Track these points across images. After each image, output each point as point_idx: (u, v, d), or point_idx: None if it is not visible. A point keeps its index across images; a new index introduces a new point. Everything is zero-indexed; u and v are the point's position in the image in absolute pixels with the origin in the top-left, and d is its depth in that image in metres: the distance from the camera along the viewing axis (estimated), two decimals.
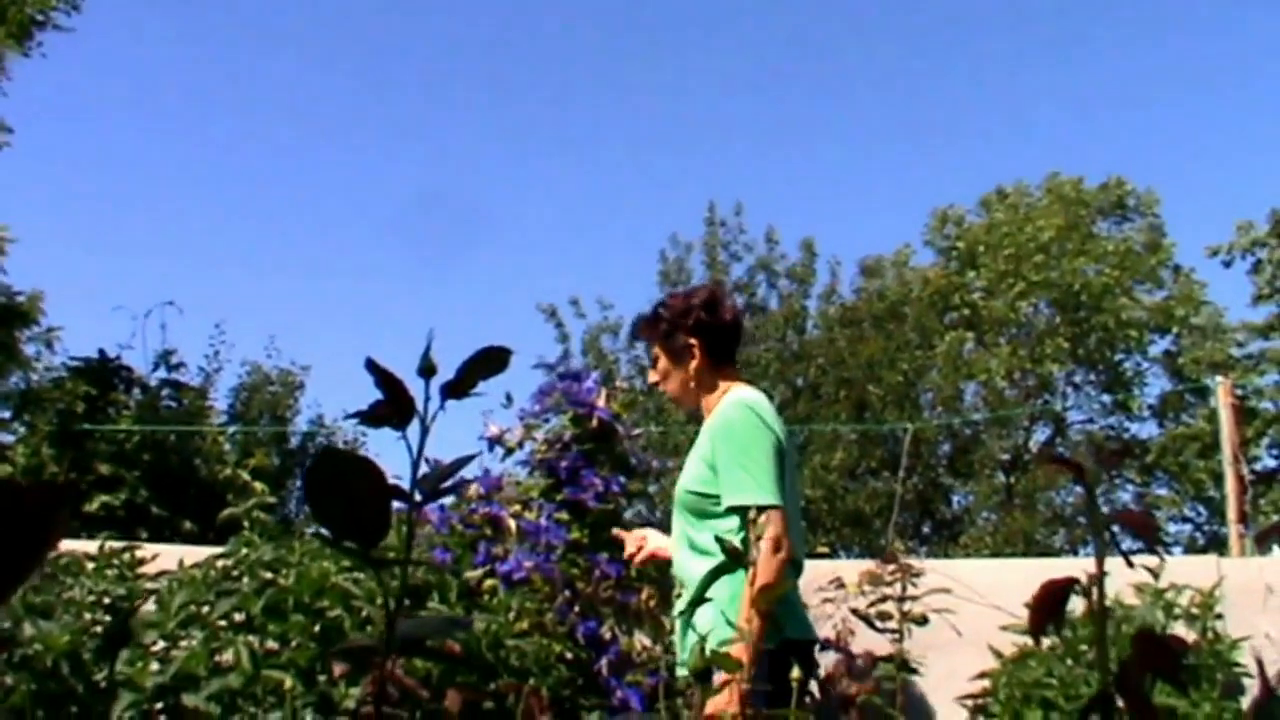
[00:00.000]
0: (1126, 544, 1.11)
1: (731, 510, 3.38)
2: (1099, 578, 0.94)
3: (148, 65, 40.96)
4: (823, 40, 41.58)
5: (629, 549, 3.95)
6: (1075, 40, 42.28)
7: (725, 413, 3.55)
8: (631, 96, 42.15)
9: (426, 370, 1.14)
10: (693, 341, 3.68)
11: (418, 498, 1.15)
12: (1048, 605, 0.99)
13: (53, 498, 0.57)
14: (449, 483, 1.20)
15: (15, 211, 34.77)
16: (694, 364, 3.69)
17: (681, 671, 3.31)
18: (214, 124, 40.69)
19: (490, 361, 1.16)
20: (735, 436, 3.47)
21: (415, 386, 1.16)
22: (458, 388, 1.15)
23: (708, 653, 2.06)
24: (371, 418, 1.14)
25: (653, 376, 3.87)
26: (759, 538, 3.25)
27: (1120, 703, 0.96)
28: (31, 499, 0.56)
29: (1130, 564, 0.99)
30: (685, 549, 3.58)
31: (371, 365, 1.13)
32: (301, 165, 42.36)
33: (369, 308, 38.78)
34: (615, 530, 4.04)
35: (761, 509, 3.33)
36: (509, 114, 41.91)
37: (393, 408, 1.13)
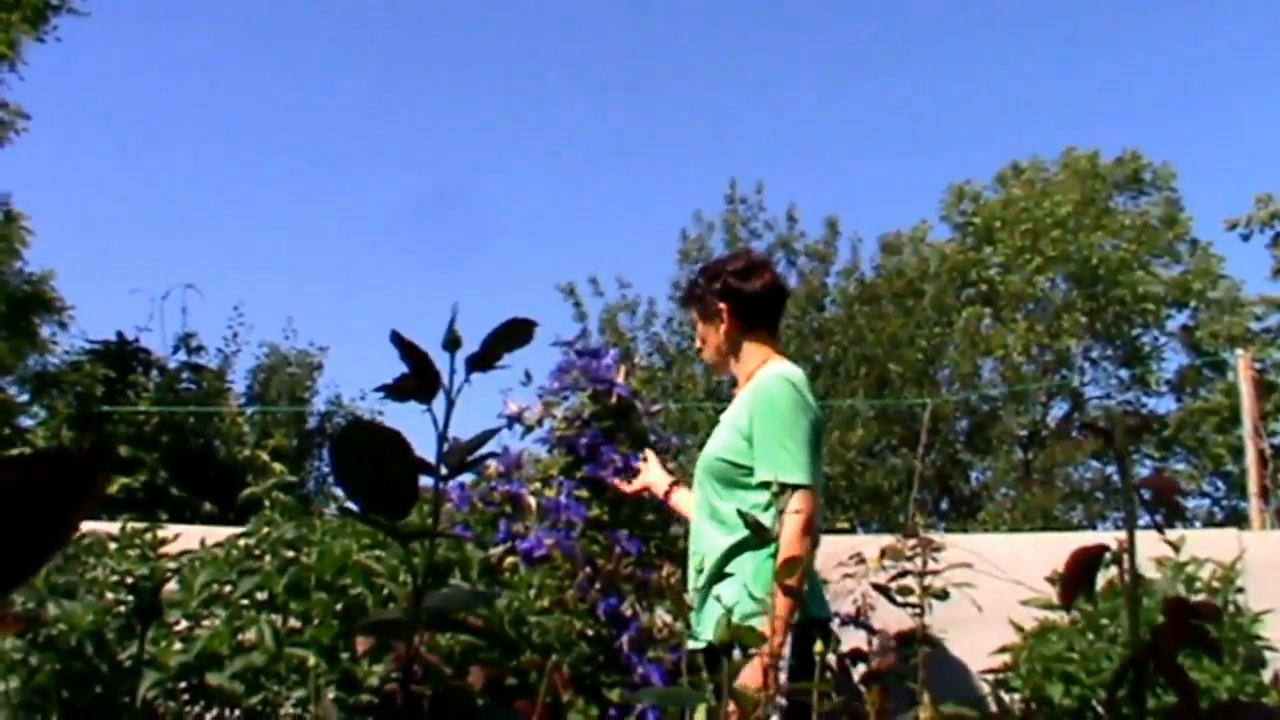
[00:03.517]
0: (1148, 518, 1.11)
1: (765, 484, 3.39)
2: (1130, 545, 0.94)
3: (164, 47, 41.02)
4: (840, 18, 41.44)
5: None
6: (1089, 14, 42.06)
7: (767, 386, 3.56)
8: (653, 74, 42.09)
9: (452, 343, 1.13)
10: (721, 306, 3.72)
11: (444, 471, 1.14)
12: (1078, 574, 0.98)
13: (89, 464, 0.57)
14: (474, 456, 1.20)
15: (33, 195, 34.90)
16: (723, 328, 3.73)
17: (692, 644, 3.31)
18: (232, 106, 40.75)
19: (515, 334, 1.16)
20: (777, 411, 3.48)
21: (439, 360, 1.15)
22: (483, 360, 1.15)
23: (732, 627, 2.05)
24: (397, 391, 1.14)
25: (696, 341, 3.98)
26: (782, 512, 3.27)
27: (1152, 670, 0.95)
28: (67, 465, 0.56)
29: (1161, 530, 0.99)
30: (706, 519, 3.59)
31: (396, 338, 1.12)
32: (320, 146, 42.40)
33: (387, 288, 38.87)
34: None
35: (796, 487, 3.34)
36: (528, 94, 41.89)
37: (418, 381, 1.12)
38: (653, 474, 4.10)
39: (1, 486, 0.54)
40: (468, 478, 4.34)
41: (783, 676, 3.06)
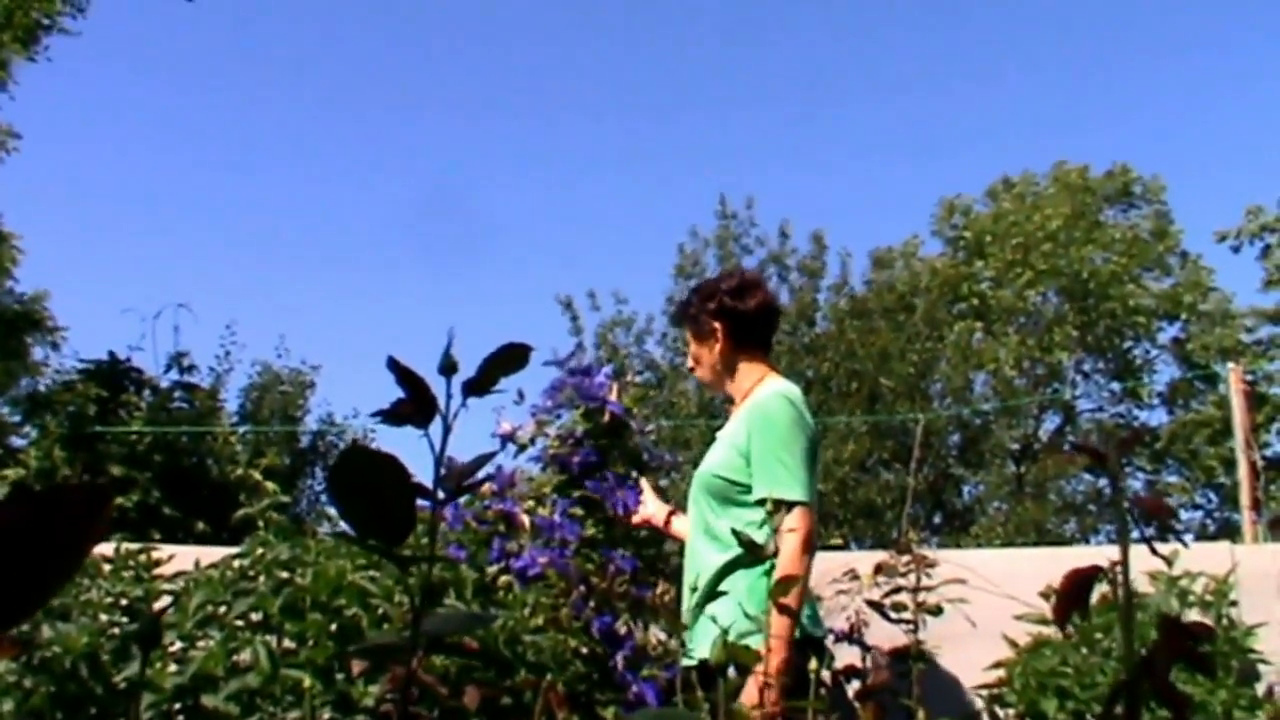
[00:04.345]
0: (1139, 532, 1.11)
1: (762, 501, 3.40)
2: (1124, 564, 0.94)
3: (155, 67, 41.04)
4: (831, 33, 41.56)
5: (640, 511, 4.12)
6: (1078, 28, 42.22)
7: (765, 404, 3.57)
8: (651, 93, 42.16)
9: (448, 368, 1.14)
10: (715, 325, 3.74)
11: (441, 496, 1.15)
12: (1072, 594, 0.99)
13: (93, 500, 0.57)
14: (471, 480, 1.20)
15: (25, 215, 34.87)
16: (717, 347, 3.75)
17: (687, 662, 3.31)
18: (222, 125, 40.74)
19: (511, 358, 1.16)
20: (775, 428, 3.49)
21: (435, 384, 1.16)
22: (479, 385, 1.15)
23: (728, 646, 2.06)
24: (394, 416, 1.14)
25: (689, 360, 3.98)
26: (783, 531, 3.28)
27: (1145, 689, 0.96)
28: (72, 502, 0.57)
29: (1154, 550, 0.99)
30: (701, 537, 3.60)
31: (393, 364, 1.13)
32: (311, 163, 42.42)
33: (379, 306, 38.83)
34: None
35: (793, 504, 3.35)
36: (523, 110, 41.96)
37: (415, 406, 1.13)
38: (650, 505, 4.09)
39: (9, 522, 0.55)
40: (462, 497, 4.33)
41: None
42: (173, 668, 3.29)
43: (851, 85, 42.58)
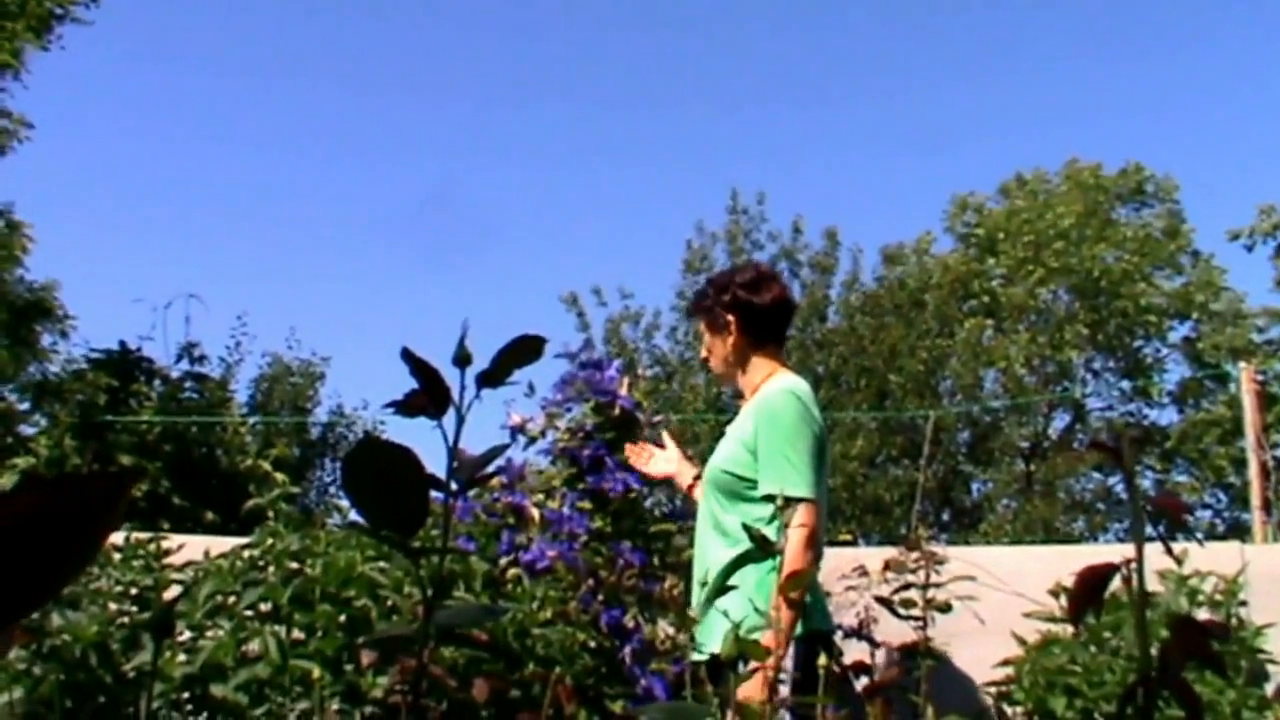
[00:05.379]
0: (1154, 531, 1.11)
1: (768, 497, 3.39)
2: (1139, 563, 0.94)
3: (167, 56, 41.07)
4: (843, 28, 41.50)
5: (636, 460, 4.12)
6: (1092, 26, 42.12)
7: (771, 399, 3.56)
8: (656, 84, 42.12)
9: (462, 359, 1.14)
10: (729, 318, 3.73)
11: (454, 487, 1.15)
12: (1088, 591, 0.98)
13: (111, 488, 0.57)
14: (484, 472, 1.20)
15: (36, 204, 34.94)
16: (730, 340, 3.74)
17: (696, 656, 3.31)
18: (234, 116, 40.77)
19: (525, 350, 1.16)
20: (780, 424, 3.49)
21: (448, 375, 1.16)
22: (494, 377, 1.15)
23: (738, 640, 2.06)
24: (407, 407, 1.14)
25: (703, 351, 3.97)
26: (787, 525, 3.28)
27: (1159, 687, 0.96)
28: (89, 489, 0.57)
29: (1169, 549, 0.99)
30: (710, 531, 3.60)
31: (408, 355, 1.13)
32: (323, 156, 42.43)
33: (389, 298, 38.84)
34: (628, 446, 4.19)
35: (798, 500, 3.34)
36: (530, 103, 41.93)
37: (429, 397, 1.13)
38: (676, 465, 4.09)
39: (27, 509, 0.55)
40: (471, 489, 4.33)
41: (785, 689, 3.06)
42: (182, 657, 3.29)
43: (865, 81, 42.57)
